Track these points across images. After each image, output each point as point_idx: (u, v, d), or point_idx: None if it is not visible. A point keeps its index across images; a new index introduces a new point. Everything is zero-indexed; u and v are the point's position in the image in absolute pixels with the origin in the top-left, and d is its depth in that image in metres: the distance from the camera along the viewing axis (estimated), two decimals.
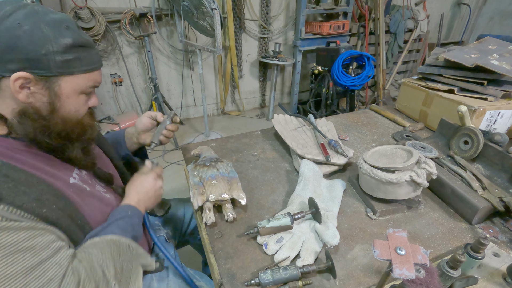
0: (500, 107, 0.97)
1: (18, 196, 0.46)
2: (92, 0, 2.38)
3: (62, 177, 0.59)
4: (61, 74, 0.53)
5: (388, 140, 1.11)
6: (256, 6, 3.04)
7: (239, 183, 0.79)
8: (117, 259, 0.56)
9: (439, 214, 0.76)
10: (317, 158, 0.89)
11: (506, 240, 0.67)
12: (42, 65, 0.51)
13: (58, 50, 0.51)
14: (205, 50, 2.36)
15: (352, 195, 0.83)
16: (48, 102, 0.54)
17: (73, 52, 0.54)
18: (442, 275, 0.51)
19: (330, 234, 0.62)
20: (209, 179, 0.77)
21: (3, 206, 0.44)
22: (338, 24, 2.89)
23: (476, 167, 0.84)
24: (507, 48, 1.10)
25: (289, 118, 1.15)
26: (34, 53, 0.49)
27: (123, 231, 0.61)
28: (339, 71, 2.45)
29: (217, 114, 3.55)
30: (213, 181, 0.76)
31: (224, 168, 0.83)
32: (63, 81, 0.54)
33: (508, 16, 3.82)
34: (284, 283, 0.56)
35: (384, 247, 0.42)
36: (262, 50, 3.31)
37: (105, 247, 0.56)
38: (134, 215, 0.67)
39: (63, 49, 0.52)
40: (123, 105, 3.01)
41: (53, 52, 0.51)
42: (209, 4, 1.93)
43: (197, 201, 0.73)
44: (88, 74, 0.58)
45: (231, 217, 0.72)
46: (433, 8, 3.90)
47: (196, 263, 1.49)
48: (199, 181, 0.79)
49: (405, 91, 1.26)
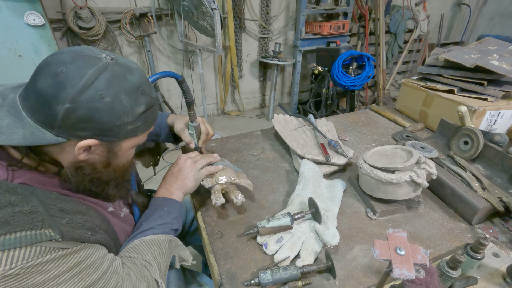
0: (500, 107, 0.97)
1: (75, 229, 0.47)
2: (92, 0, 2.38)
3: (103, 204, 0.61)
4: (126, 138, 0.53)
5: (388, 140, 1.11)
6: (256, 6, 3.04)
7: (245, 175, 0.81)
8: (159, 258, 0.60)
9: (439, 214, 0.76)
10: (317, 158, 0.89)
11: (506, 241, 0.67)
12: (112, 134, 0.50)
13: (132, 120, 0.51)
14: (205, 50, 2.36)
15: (352, 195, 0.83)
16: (105, 158, 0.54)
17: (142, 118, 0.53)
18: (442, 275, 0.51)
19: (330, 234, 0.62)
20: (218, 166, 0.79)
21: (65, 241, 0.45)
22: (338, 24, 2.90)
23: (476, 167, 0.84)
24: (507, 49, 1.10)
25: (289, 118, 1.15)
26: (108, 124, 0.48)
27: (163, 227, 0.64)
28: (339, 71, 2.45)
29: (217, 114, 3.55)
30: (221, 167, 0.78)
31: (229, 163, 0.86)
32: (125, 142, 0.54)
33: (508, 17, 3.82)
34: (284, 283, 0.56)
35: (384, 247, 0.42)
36: (262, 50, 3.31)
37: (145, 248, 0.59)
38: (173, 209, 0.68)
39: (136, 118, 0.51)
40: None
41: (127, 122, 0.50)
42: (209, 4, 1.93)
43: (207, 182, 0.74)
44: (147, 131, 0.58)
45: (240, 200, 0.72)
46: (433, 8, 3.90)
47: (196, 264, 1.49)
48: None
49: (405, 91, 1.26)
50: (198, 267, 1.44)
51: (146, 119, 0.54)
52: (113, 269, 0.51)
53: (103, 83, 0.46)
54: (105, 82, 0.46)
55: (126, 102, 0.49)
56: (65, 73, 0.44)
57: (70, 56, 0.46)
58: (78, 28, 2.27)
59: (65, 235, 0.44)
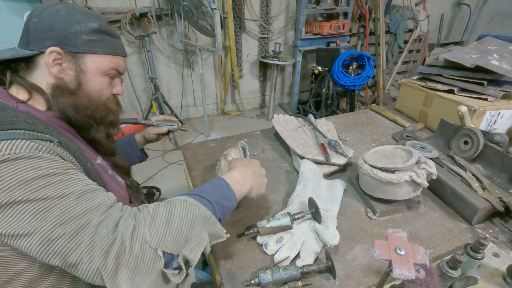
0: (500, 107, 0.97)
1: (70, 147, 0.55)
2: (92, 0, 2.38)
3: (92, 155, 0.67)
4: (86, 52, 0.61)
5: (388, 140, 1.11)
6: (256, 6, 3.04)
7: None
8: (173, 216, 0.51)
9: (439, 214, 0.76)
10: (317, 158, 0.89)
11: (506, 240, 0.67)
12: (71, 42, 0.59)
13: (85, 30, 0.60)
14: (205, 50, 2.36)
15: (352, 195, 0.83)
16: (75, 76, 0.61)
17: (97, 35, 0.62)
18: (442, 275, 0.51)
19: (330, 234, 0.62)
20: None
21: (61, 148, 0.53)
22: (338, 24, 2.90)
23: (476, 167, 0.84)
24: (507, 48, 1.10)
25: (289, 118, 1.15)
26: (65, 31, 0.59)
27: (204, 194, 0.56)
28: (339, 71, 2.45)
29: (217, 114, 3.55)
30: None
31: None
32: (88, 59, 0.62)
33: (508, 17, 3.82)
34: (284, 283, 0.56)
35: (384, 247, 0.42)
36: (262, 50, 3.31)
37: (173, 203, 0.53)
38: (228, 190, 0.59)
39: (89, 30, 0.61)
40: (123, 105, 3.01)
41: (80, 31, 0.60)
42: (209, 4, 1.93)
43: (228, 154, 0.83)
44: (111, 57, 0.65)
45: None
46: (433, 8, 3.90)
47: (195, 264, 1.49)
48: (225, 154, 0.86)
49: (405, 91, 1.26)
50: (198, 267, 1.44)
51: (103, 39, 0.63)
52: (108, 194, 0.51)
53: (61, 6, 0.61)
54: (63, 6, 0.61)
55: (78, 16, 0.61)
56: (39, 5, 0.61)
57: None
58: None
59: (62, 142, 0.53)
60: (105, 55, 0.64)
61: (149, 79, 2.77)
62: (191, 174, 0.94)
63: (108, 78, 0.67)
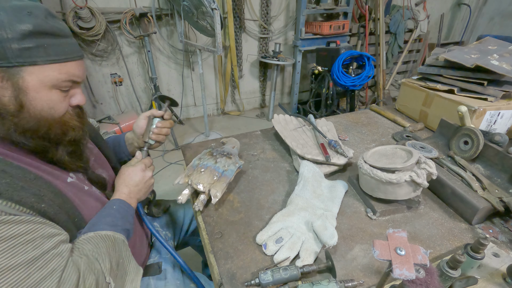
0: (500, 107, 0.97)
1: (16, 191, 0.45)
2: (92, 0, 2.38)
3: (61, 175, 0.59)
4: (21, 65, 0.48)
5: (388, 140, 1.11)
6: (256, 6, 3.04)
7: (225, 184, 0.78)
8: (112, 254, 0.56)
9: (439, 214, 0.76)
10: (317, 158, 0.89)
11: (506, 241, 0.67)
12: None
13: (14, 36, 0.46)
14: (205, 50, 2.36)
15: (352, 195, 0.83)
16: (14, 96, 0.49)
17: (34, 40, 0.48)
18: (442, 275, 0.51)
19: (328, 234, 0.62)
20: (201, 167, 0.80)
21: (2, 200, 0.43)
22: (338, 24, 2.89)
23: (476, 167, 0.84)
24: (507, 48, 1.10)
25: (289, 118, 1.15)
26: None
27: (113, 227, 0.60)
28: (339, 71, 2.45)
29: (217, 114, 3.55)
30: (201, 170, 0.79)
31: (223, 164, 0.82)
32: (26, 73, 0.49)
33: (508, 17, 3.82)
34: (284, 283, 0.56)
35: (384, 247, 0.42)
36: (262, 50, 3.31)
37: (99, 241, 0.55)
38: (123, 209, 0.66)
39: (20, 35, 0.47)
40: (123, 105, 3.01)
41: (8, 39, 0.46)
42: (209, 4, 1.93)
43: (180, 178, 0.79)
44: (58, 65, 0.52)
45: (196, 208, 0.74)
46: (433, 9, 3.90)
47: (196, 264, 1.49)
48: (196, 165, 0.82)
49: (405, 91, 1.26)
50: (198, 268, 1.44)
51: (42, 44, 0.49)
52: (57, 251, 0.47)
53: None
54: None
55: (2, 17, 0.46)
56: None
57: None
58: (78, 28, 2.27)
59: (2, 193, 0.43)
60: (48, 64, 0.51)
61: (149, 79, 2.77)
62: None
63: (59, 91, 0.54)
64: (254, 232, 0.70)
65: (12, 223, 0.42)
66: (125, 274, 0.58)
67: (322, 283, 0.54)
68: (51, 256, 0.46)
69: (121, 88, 2.90)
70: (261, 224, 0.72)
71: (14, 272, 0.41)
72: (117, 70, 2.78)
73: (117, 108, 2.96)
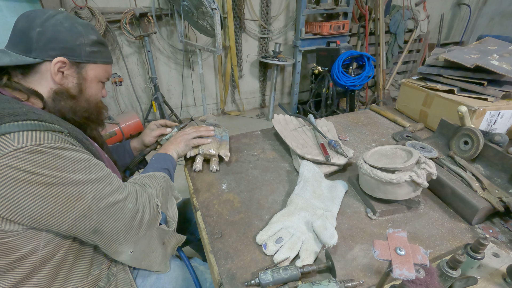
0: (500, 107, 0.97)
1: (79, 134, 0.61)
2: (92, 0, 2.38)
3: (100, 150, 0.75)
4: (88, 62, 0.69)
5: (388, 140, 1.11)
6: (256, 6, 3.04)
7: (228, 145, 1.00)
8: (156, 186, 0.73)
9: (439, 215, 0.76)
10: (317, 158, 0.89)
11: (506, 241, 0.67)
12: (75, 53, 0.66)
13: (88, 43, 0.67)
14: (205, 50, 2.36)
15: (352, 195, 0.83)
16: (77, 83, 0.68)
17: (97, 46, 0.70)
18: (442, 275, 0.51)
19: (328, 234, 0.62)
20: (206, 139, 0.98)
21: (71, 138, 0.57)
22: (338, 24, 2.90)
23: (476, 167, 0.84)
24: (507, 49, 1.10)
25: (289, 118, 1.15)
26: (71, 43, 0.64)
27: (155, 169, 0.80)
28: (339, 71, 2.45)
29: (217, 114, 3.55)
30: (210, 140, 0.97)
31: (219, 132, 1.04)
32: (89, 68, 0.70)
33: (508, 17, 3.82)
34: (284, 283, 0.56)
35: (384, 247, 0.42)
36: (262, 50, 3.31)
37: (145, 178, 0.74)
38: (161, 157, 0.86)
39: (91, 42, 0.68)
40: (123, 105, 3.01)
41: (84, 43, 0.67)
42: (209, 4, 1.93)
43: (190, 153, 0.95)
44: (105, 66, 0.74)
45: (214, 169, 0.92)
46: (433, 9, 3.90)
47: None
48: None
49: (405, 91, 1.26)
50: None
51: (100, 50, 0.71)
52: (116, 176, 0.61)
53: (61, 17, 0.65)
54: (62, 16, 0.66)
55: (80, 28, 0.66)
56: (34, 13, 0.64)
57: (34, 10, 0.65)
58: None
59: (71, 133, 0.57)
60: (102, 64, 0.72)
61: (149, 79, 2.77)
62: (191, 174, 0.94)
63: (101, 83, 0.76)
64: (254, 232, 0.70)
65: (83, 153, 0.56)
66: (166, 202, 0.76)
67: (322, 283, 0.54)
68: (114, 177, 0.60)
69: (121, 88, 2.90)
70: (261, 224, 0.72)
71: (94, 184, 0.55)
72: (117, 70, 2.78)
73: (117, 108, 2.96)
